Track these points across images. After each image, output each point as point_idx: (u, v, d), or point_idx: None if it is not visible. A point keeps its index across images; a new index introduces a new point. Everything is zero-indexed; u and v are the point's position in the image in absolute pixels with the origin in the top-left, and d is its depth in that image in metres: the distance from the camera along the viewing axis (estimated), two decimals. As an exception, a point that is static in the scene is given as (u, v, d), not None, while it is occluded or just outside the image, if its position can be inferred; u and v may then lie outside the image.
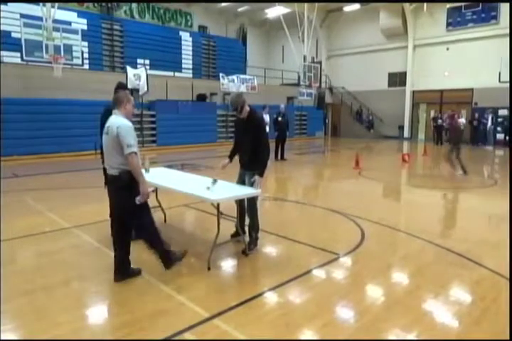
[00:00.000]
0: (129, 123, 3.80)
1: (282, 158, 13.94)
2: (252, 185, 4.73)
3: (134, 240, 5.05)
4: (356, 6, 24.90)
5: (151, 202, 4.47)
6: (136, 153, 3.71)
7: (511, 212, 6.43)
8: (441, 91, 23.43)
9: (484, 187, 9.87)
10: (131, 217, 3.91)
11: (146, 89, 15.71)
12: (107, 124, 3.84)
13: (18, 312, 3.37)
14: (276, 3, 23.00)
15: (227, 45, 25.50)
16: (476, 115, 21.03)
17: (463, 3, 21.69)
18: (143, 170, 4.02)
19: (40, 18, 13.38)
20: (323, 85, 26.84)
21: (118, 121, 3.75)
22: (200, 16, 25.05)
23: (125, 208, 3.88)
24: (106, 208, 5.37)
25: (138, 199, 3.77)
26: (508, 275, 4.05)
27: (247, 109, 4.73)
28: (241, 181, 4.97)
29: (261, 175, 4.71)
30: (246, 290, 3.80)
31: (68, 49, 13.67)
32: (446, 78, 22.78)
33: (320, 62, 26.77)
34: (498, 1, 20.30)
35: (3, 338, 2.94)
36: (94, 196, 7.63)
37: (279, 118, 14.05)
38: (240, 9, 25.66)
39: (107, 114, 4.97)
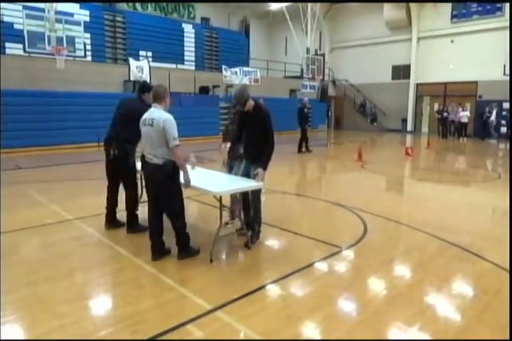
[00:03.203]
0: (172, 117, 4.10)
1: (308, 149, 14.24)
2: (254, 177, 4.71)
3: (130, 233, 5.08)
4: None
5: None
6: (179, 145, 4.06)
7: (511, 206, 6.42)
8: (445, 84, 23.26)
9: (488, 180, 9.83)
10: (169, 201, 4.23)
11: (148, 81, 15.65)
12: (150, 117, 4.13)
13: (22, 303, 3.38)
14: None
15: (229, 37, 25.32)
16: (487, 108, 20.74)
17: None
18: (189, 167, 4.53)
19: (42, 10, 13.34)
20: (326, 78, 26.70)
21: (163, 115, 4.09)
22: (202, 8, 24.87)
23: (166, 194, 4.19)
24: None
25: (182, 185, 4.23)
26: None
27: (251, 103, 4.71)
28: (245, 174, 4.95)
29: (264, 168, 4.68)
30: (248, 282, 3.80)
31: (71, 40, 13.61)
32: (451, 71, 22.59)
33: (323, 55, 26.60)
34: (500, 0, 20.05)
35: (4, 330, 2.96)
36: (97, 188, 7.60)
37: (305, 110, 14.28)
38: (242, 2, 25.45)
39: (133, 109, 4.87)
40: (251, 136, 4.82)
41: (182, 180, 4.22)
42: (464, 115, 20.26)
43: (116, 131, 5.06)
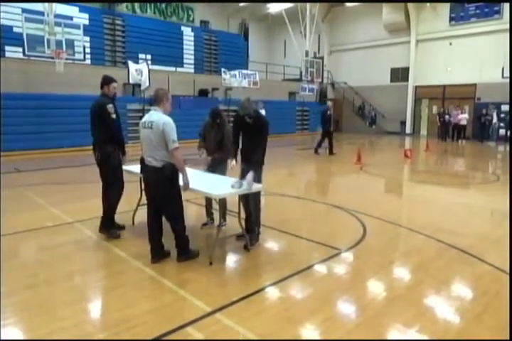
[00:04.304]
0: (172, 120, 4.10)
1: (331, 151, 14.39)
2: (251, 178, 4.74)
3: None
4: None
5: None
6: (179, 147, 4.07)
7: (511, 207, 6.43)
8: (444, 87, 23.30)
9: (486, 182, 9.85)
10: (168, 204, 4.24)
11: (147, 84, 15.67)
12: (150, 119, 4.15)
13: (21, 305, 3.39)
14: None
15: (228, 40, 25.36)
16: (484, 111, 20.74)
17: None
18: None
19: (41, 13, 13.37)
20: (325, 80, 26.74)
21: (162, 118, 4.08)
22: (201, 11, 24.90)
23: (165, 196, 4.21)
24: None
25: (182, 188, 4.22)
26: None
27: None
28: (243, 176, 4.95)
29: (257, 167, 4.72)
30: (248, 284, 3.81)
31: (70, 44, 13.64)
32: (449, 73, 22.64)
33: (322, 57, 26.65)
34: (500, 1, 20.12)
35: (5, 333, 2.96)
36: (96, 191, 7.57)
37: (328, 113, 14.52)
38: (241, 4, 25.52)
39: (96, 106, 5.01)
40: (253, 142, 4.82)
41: (181, 182, 4.23)
42: (463, 117, 20.29)
43: (95, 135, 5.12)
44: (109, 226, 5.16)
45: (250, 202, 4.86)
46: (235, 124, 5.00)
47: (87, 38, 16.84)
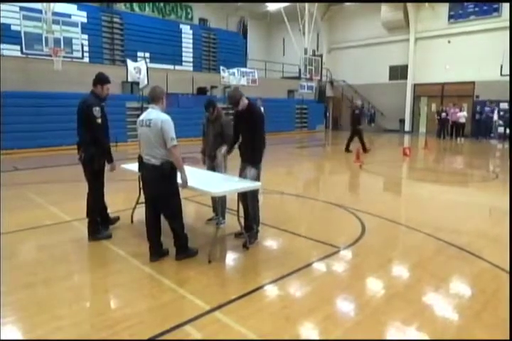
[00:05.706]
0: (170, 118, 4.11)
1: (347, 149, 14.29)
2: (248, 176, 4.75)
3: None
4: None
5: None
6: (177, 145, 4.07)
7: (511, 205, 6.43)
8: (443, 85, 23.30)
9: (485, 181, 9.85)
10: (166, 202, 4.24)
11: (146, 82, 15.64)
12: (148, 117, 4.15)
13: (19, 304, 3.38)
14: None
15: (227, 38, 25.32)
16: (487, 109, 20.77)
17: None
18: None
19: (39, 11, 13.33)
20: (323, 78, 26.72)
21: (160, 116, 4.10)
22: (200, 9, 24.87)
23: (163, 195, 4.20)
24: (107, 202, 5.39)
25: (180, 186, 4.21)
26: (508, 269, 4.05)
27: (245, 102, 4.76)
28: (243, 173, 4.96)
29: (253, 164, 4.74)
30: (247, 283, 3.80)
31: (68, 42, 13.64)
32: (448, 71, 22.64)
33: (321, 55, 26.61)
34: (499, 0, 20.11)
35: (3, 333, 2.95)
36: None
37: (356, 111, 14.52)
38: (240, 2, 25.49)
39: (84, 106, 4.95)
40: (247, 136, 4.85)
41: (179, 180, 4.22)
42: (462, 115, 20.30)
43: (80, 135, 5.05)
44: (95, 231, 4.97)
45: (248, 201, 4.86)
46: (234, 119, 5.03)
47: (85, 36, 16.82)
